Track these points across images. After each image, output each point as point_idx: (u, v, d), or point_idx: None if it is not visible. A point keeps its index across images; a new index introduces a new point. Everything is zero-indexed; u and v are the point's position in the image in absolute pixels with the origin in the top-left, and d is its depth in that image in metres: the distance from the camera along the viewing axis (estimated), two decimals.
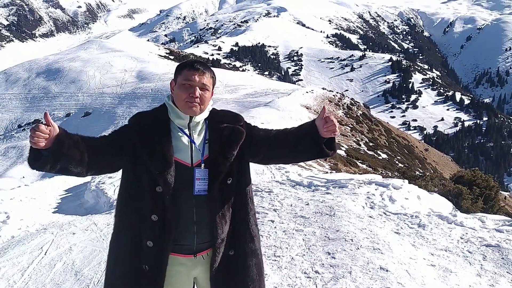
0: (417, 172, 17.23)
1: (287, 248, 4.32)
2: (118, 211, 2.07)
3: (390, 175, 13.51)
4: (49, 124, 1.79)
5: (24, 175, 43.13)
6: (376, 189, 6.46)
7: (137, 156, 1.94)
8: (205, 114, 2.04)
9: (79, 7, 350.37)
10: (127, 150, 1.96)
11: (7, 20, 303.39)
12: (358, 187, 6.70)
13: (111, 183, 9.29)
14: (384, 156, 34.64)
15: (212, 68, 2.10)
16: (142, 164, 1.93)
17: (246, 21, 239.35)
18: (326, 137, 2.00)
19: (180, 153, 1.95)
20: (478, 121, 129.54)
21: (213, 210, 1.96)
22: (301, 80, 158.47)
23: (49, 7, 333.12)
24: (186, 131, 2.00)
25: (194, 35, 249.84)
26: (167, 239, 1.93)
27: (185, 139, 1.98)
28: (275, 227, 4.96)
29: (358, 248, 4.13)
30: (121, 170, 2.06)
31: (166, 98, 2.07)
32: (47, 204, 9.26)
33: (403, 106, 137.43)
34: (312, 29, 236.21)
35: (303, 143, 2.02)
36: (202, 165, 1.96)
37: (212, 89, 2.05)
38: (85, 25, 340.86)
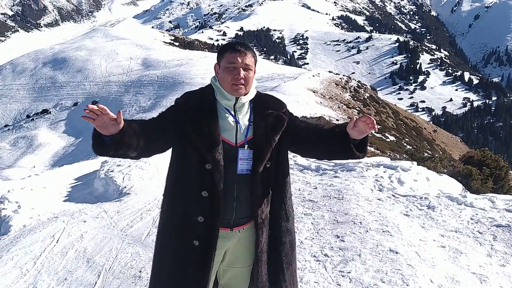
0: (426, 154, 17.14)
1: (296, 232, 4.31)
2: (168, 191, 2.14)
3: (398, 157, 13.44)
4: (119, 120, 1.88)
5: (35, 164, 43.58)
6: (384, 172, 6.43)
7: (186, 136, 2.01)
8: (251, 95, 2.10)
9: None
10: (176, 131, 2.03)
11: (12, 11, 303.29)
12: (366, 170, 6.67)
13: (119, 171, 9.34)
14: (392, 138, 34.50)
15: (253, 49, 2.14)
16: (191, 143, 2.00)
17: (250, 5, 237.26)
18: (358, 139, 2.07)
19: (226, 132, 2.02)
20: (487, 101, 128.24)
21: (254, 189, 2.03)
22: (307, 63, 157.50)
23: None
24: (232, 111, 2.06)
25: (198, 20, 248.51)
26: (217, 214, 2.00)
27: (231, 120, 2.04)
28: None
29: (367, 231, 4.12)
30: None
31: (212, 78, 2.14)
32: (58, 192, 9.33)
33: (411, 88, 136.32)
34: (318, 12, 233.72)
35: (335, 144, 2.10)
36: (246, 146, 2.03)
37: (255, 68, 2.09)
38: (90, 14, 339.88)
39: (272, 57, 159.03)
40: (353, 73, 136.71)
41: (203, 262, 2.02)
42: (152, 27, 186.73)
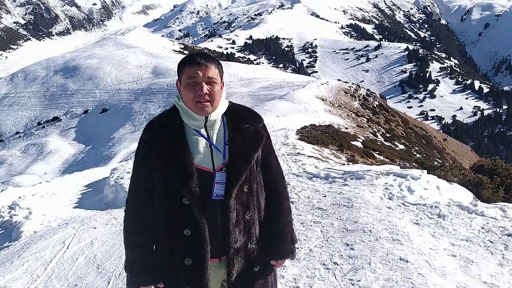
0: (436, 162, 17.03)
1: (305, 240, 4.31)
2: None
3: (408, 165, 13.37)
4: None
5: (45, 171, 43.96)
6: (394, 180, 6.40)
7: (159, 171, 1.82)
8: (221, 110, 1.89)
9: (94, 4, 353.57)
10: (157, 174, 1.84)
11: (24, 19, 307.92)
12: (376, 178, 6.64)
13: (129, 178, 9.41)
14: (401, 147, 34.28)
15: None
16: (165, 177, 1.81)
17: (259, 14, 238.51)
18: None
19: (200, 159, 1.82)
20: (498, 109, 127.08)
21: (227, 216, 1.83)
22: (316, 72, 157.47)
23: (64, 5, 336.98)
24: (203, 132, 1.85)
25: (208, 29, 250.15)
26: (204, 253, 1.81)
27: (203, 143, 1.84)
28: (293, 219, 4.96)
29: (377, 239, 4.10)
30: None
31: (176, 98, 1.92)
32: (68, 199, 9.41)
33: (421, 96, 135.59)
34: (327, 20, 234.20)
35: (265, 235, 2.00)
36: (224, 168, 1.84)
37: (221, 80, 1.88)
38: (101, 22, 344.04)
39: (281, 65, 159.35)
40: (362, 81, 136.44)
41: None
42: (162, 36, 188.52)
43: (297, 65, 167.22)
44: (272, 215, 2.01)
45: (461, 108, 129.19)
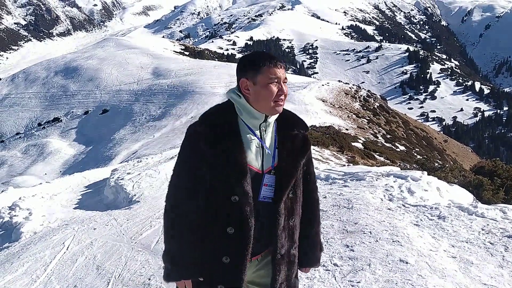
0: (436, 164, 16.99)
1: None
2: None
3: (408, 167, 13.35)
4: None
5: (46, 172, 43.97)
6: (394, 181, 6.40)
7: (211, 165, 1.81)
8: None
9: (95, 5, 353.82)
10: (204, 166, 1.83)
11: (25, 20, 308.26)
12: (376, 179, 6.64)
13: (129, 179, 9.40)
14: (402, 148, 34.28)
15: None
16: (216, 173, 1.81)
17: (260, 15, 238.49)
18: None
19: (250, 158, 1.82)
20: (499, 111, 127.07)
21: (277, 220, 1.85)
22: (317, 73, 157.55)
23: (65, 6, 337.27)
24: (257, 133, 1.86)
25: (208, 30, 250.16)
26: (246, 253, 1.80)
27: (255, 143, 1.84)
28: None
29: (377, 241, 4.10)
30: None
31: (232, 95, 1.90)
32: (68, 200, 9.42)
33: (421, 97, 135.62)
34: (327, 21, 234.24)
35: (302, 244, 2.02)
36: (272, 171, 1.86)
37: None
38: (101, 23, 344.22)
39: None
40: (363, 82, 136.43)
41: None
42: (163, 37, 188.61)
43: (298, 66, 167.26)
44: (307, 223, 2.03)
45: (461, 110, 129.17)
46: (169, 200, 1.93)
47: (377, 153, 23.06)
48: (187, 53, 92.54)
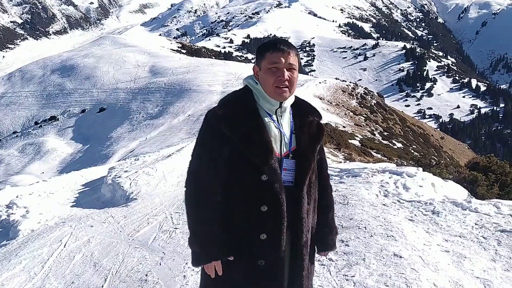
0: (433, 161, 17.08)
1: None
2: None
3: (405, 164, 13.41)
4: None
5: (43, 170, 43.89)
6: (390, 177, 6.44)
7: (236, 149, 1.83)
8: (292, 99, 1.96)
9: (91, 3, 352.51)
10: (226, 149, 1.85)
11: (21, 19, 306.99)
12: (372, 176, 6.69)
13: (127, 177, 9.41)
14: (399, 145, 34.39)
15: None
16: (243, 155, 1.83)
17: (257, 13, 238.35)
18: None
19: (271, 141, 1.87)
20: (495, 107, 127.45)
21: (301, 203, 1.89)
22: (314, 70, 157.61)
23: (61, 4, 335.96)
24: (274, 117, 1.90)
25: (205, 28, 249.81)
26: (282, 228, 1.84)
27: (274, 127, 1.89)
28: None
29: (371, 236, 4.14)
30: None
31: (250, 80, 1.96)
32: (65, 198, 9.42)
33: (418, 95, 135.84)
34: (324, 19, 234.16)
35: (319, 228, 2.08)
36: (290, 155, 1.90)
37: (298, 67, 1.94)
38: (98, 21, 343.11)
39: None
40: (360, 80, 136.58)
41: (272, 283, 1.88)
42: (160, 35, 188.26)
43: None
44: (324, 208, 2.09)
45: (458, 107, 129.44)
46: (190, 184, 1.94)
47: (374, 150, 23.15)
48: (184, 51, 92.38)
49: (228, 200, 1.87)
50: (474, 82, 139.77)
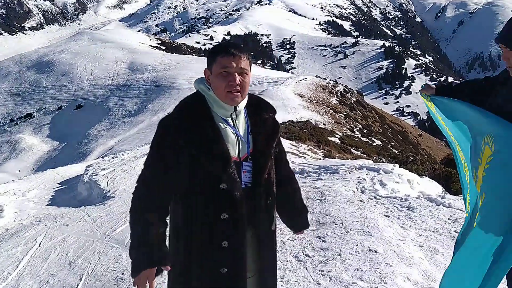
0: (410, 158, 17.33)
1: (278, 233, 4.34)
2: (180, 219, 1.90)
3: (384, 160, 13.59)
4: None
5: (19, 168, 43.00)
6: (367, 174, 6.53)
7: (193, 158, 1.80)
8: (246, 100, 1.93)
9: None
10: (180, 160, 1.81)
11: None
12: (349, 172, 6.76)
13: (104, 175, 9.30)
14: (378, 142, 34.78)
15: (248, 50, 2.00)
16: (200, 164, 1.80)
17: (237, 10, 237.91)
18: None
19: (229, 148, 1.84)
20: None
21: (258, 203, 1.91)
22: (294, 68, 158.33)
23: None
24: (230, 122, 1.88)
25: (185, 24, 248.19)
26: (243, 235, 1.86)
27: (230, 132, 1.86)
28: None
29: (348, 231, 4.19)
30: None
31: (201, 86, 1.91)
32: (41, 197, 9.27)
33: (397, 92, 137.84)
34: (304, 17, 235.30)
35: (284, 210, 2.20)
36: (249, 158, 1.89)
37: (250, 70, 1.90)
38: (75, 17, 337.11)
39: (259, 61, 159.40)
40: (340, 77, 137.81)
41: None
42: (139, 31, 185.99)
43: (276, 61, 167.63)
44: (290, 193, 2.20)
45: None
46: (140, 191, 1.90)
47: (353, 148, 23.37)
48: (163, 47, 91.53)
49: (189, 208, 1.85)
50: (451, 81, 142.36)
